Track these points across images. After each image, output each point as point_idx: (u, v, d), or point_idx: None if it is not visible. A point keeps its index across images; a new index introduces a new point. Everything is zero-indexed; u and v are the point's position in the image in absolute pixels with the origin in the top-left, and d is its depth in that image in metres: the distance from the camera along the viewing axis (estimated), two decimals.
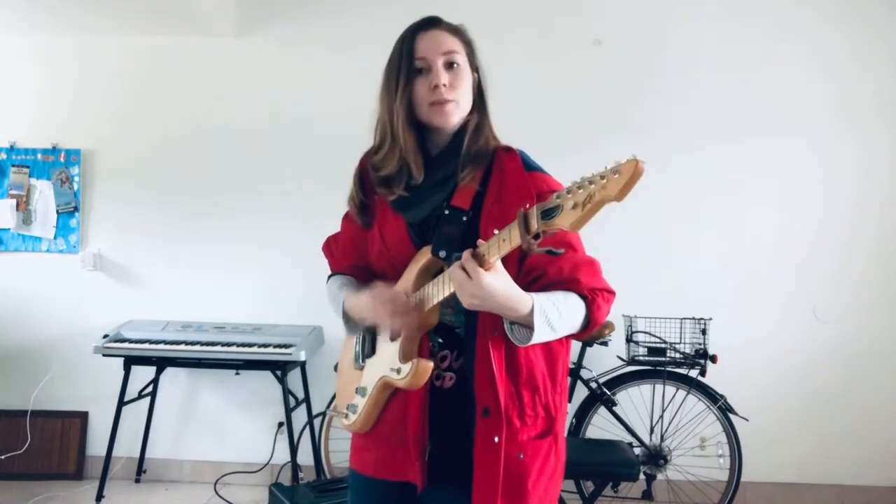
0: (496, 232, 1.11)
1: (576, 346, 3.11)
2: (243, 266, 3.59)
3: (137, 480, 3.56)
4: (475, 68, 1.36)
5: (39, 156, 3.65)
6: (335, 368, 1.77)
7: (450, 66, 1.31)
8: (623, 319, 3.17)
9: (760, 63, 3.41)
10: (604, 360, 3.21)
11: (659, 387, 3.16)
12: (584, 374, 3.14)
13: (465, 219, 1.27)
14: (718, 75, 3.42)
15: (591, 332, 1.29)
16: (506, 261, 1.16)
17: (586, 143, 3.40)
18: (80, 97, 3.66)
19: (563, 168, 1.39)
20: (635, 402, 3.22)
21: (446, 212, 1.29)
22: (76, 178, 3.63)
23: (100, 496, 3.26)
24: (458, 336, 1.32)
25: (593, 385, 3.13)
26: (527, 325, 1.18)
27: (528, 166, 1.31)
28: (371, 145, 1.43)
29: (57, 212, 3.64)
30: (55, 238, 3.64)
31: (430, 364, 1.28)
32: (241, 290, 3.59)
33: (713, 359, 3.03)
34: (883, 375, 3.39)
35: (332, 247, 1.69)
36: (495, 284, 1.12)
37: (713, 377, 3.06)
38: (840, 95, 3.40)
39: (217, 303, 3.58)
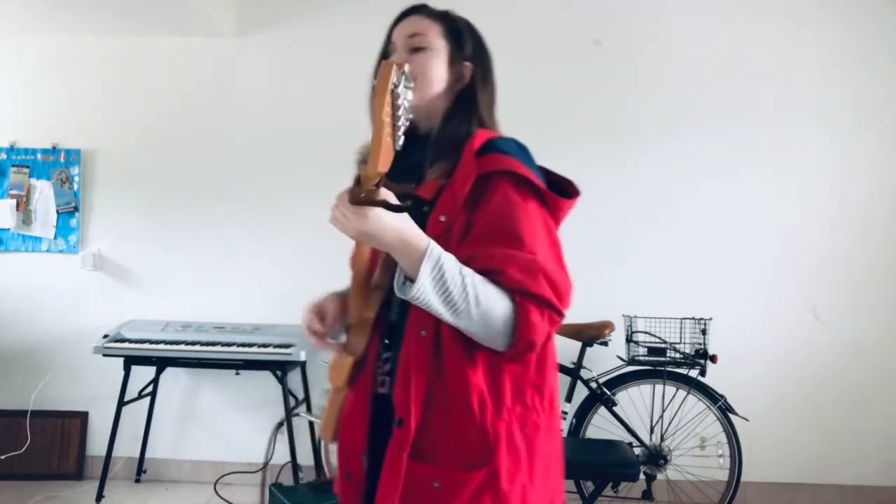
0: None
1: (575, 346, 3.11)
2: (243, 266, 3.59)
3: (137, 480, 3.56)
4: (465, 58, 1.28)
5: (39, 156, 3.65)
6: None
7: (414, 49, 1.25)
8: (623, 319, 3.17)
9: (761, 63, 3.41)
10: (604, 360, 3.21)
11: (659, 387, 3.16)
12: (584, 374, 3.14)
13: (425, 209, 1.16)
14: (719, 75, 3.42)
15: (520, 348, 1.08)
16: (445, 242, 1.10)
17: (586, 144, 3.40)
18: (81, 97, 3.66)
19: (559, 167, 1.39)
20: (635, 402, 3.21)
21: (409, 202, 1.19)
22: (76, 178, 3.63)
23: (100, 496, 3.26)
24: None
25: (593, 385, 3.13)
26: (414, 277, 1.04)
27: (488, 149, 1.18)
28: None
29: (57, 212, 3.64)
30: (55, 238, 3.64)
31: (349, 358, 1.18)
32: (241, 290, 3.59)
33: (713, 359, 3.03)
34: (883, 375, 3.39)
35: None
36: (379, 222, 1.01)
37: (713, 377, 3.06)
38: (842, 96, 3.40)
39: (217, 303, 3.58)
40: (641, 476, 2.99)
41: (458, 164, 1.17)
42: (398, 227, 1.03)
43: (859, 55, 3.40)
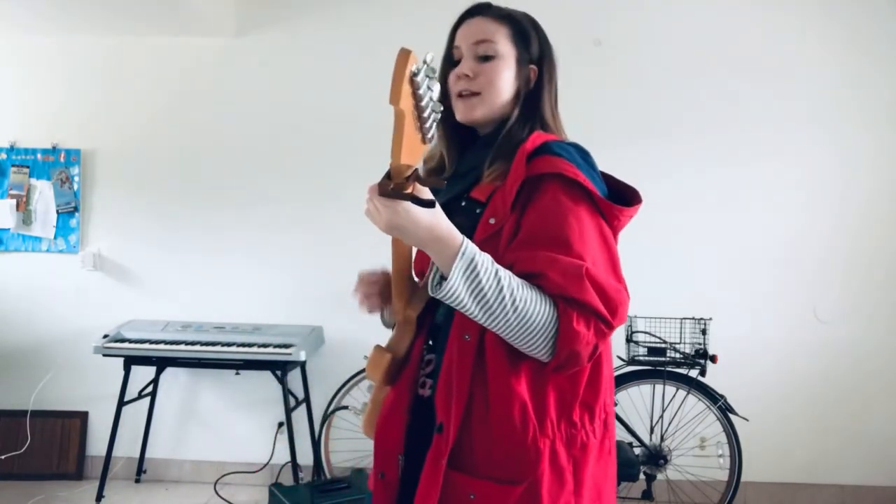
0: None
1: None
2: (243, 266, 3.60)
3: (137, 480, 3.56)
4: (531, 60, 1.24)
5: (39, 156, 3.65)
6: None
7: (482, 58, 1.20)
8: None
9: (761, 63, 3.41)
10: None
11: (659, 387, 3.16)
12: None
13: (478, 211, 1.15)
14: (719, 74, 3.42)
15: (562, 359, 1.03)
16: (495, 244, 1.08)
17: (586, 143, 3.40)
18: (81, 97, 3.66)
19: None
20: (635, 402, 3.22)
21: (463, 203, 1.19)
22: (76, 178, 3.63)
23: (100, 496, 3.26)
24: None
25: None
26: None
27: (541, 152, 1.14)
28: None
29: (57, 212, 3.64)
30: (55, 238, 3.64)
31: (387, 355, 1.16)
32: (241, 290, 3.59)
33: (713, 359, 3.03)
34: (884, 375, 3.39)
35: None
36: (410, 217, 0.96)
37: (713, 377, 3.06)
38: (842, 96, 3.40)
39: (217, 303, 3.58)
40: (641, 476, 2.99)
41: (511, 166, 1.13)
42: (430, 222, 0.98)
43: (860, 55, 3.39)
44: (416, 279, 1.22)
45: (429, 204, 0.97)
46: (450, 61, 1.24)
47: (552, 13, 3.47)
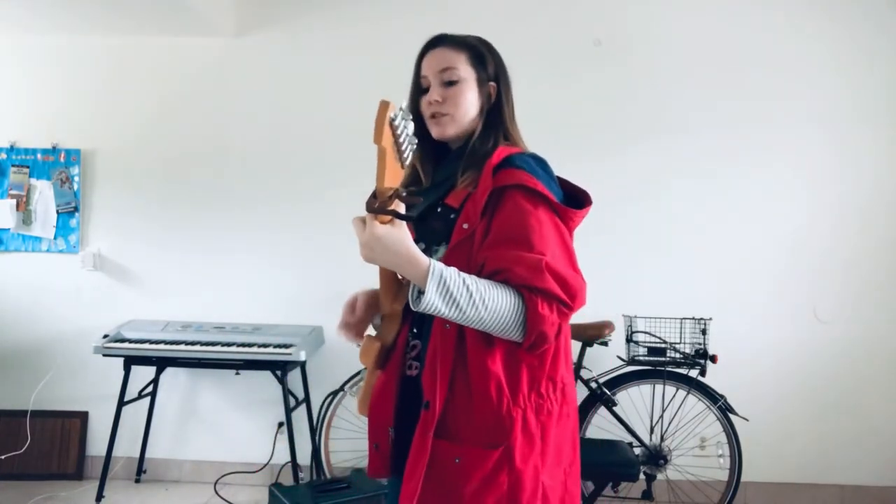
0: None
1: (575, 346, 3.11)
2: (243, 266, 3.60)
3: (137, 480, 3.56)
4: (489, 78, 1.41)
5: (39, 156, 3.65)
6: None
7: (447, 83, 1.38)
8: (623, 319, 3.17)
9: (762, 62, 3.41)
10: (604, 360, 3.21)
11: (659, 387, 3.16)
12: (584, 374, 3.14)
13: (452, 216, 1.31)
14: (719, 74, 3.42)
15: (533, 339, 1.20)
16: (469, 247, 1.25)
17: (586, 143, 3.41)
18: (81, 97, 3.66)
19: (561, 170, 1.39)
20: (635, 402, 3.22)
21: (439, 209, 1.35)
22: (76, 178, 3.64)
23: (100, 496, 3.26)
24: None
25: (593, 385, 3.12)
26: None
27: (505, 165, 1.30)
28: None
29: (57, 212, 3.64)
30: (55, 238, 3.64)
31: (376, 343, 1.36)
32: (241, 290, 3.59)
33: (713, 359, 3.03)
34: (883, 376, 3.39)
35: None
36: (386, 236, 1.15)
37: (713, 377, 3.06)
38: (842, 96, 3.40)
39: (217, 303, 3.58)
40: (641, 476, 2.99)
41: (480, 179, 1.30)
42: (402, 244, 1.17)
43: (860, 55, 3.39)
44: (400, 277, 1.37)
45: (408, 217, 1.17)
46: (418, 87, 1.43)
47: (552, 13, 3.50)
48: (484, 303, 1.18)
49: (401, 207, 1.17)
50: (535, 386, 1.28)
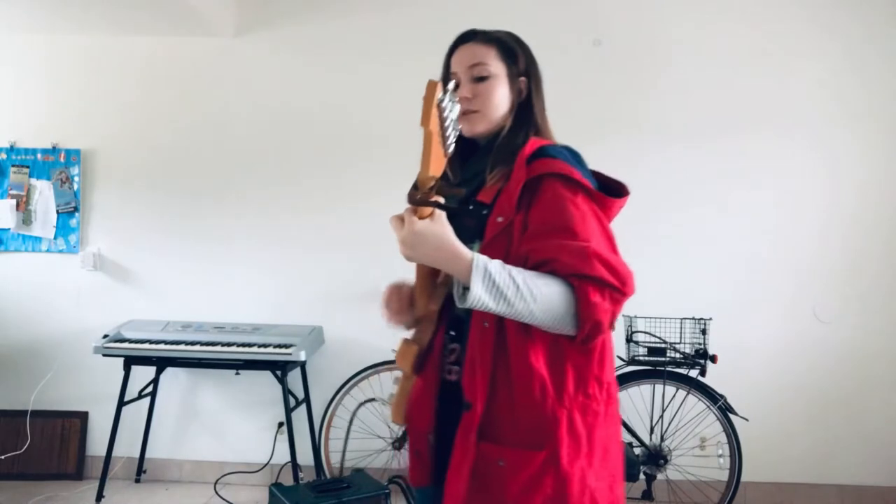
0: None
1: None
2: (243, 266, 3.60)
3: (137, 480, 3.56)
4: (520, 74, 1.38)
5: (39, 156, 3.65)
6: None
7: (477, 79, 1.34)
8: (623, 319, 3.17)
9: (761, 62, 3.41)
10: None
11: (659, 387, 3.16)
12: None
13: (484, 212, 1.27)
14: (719, 74, 3.42)
15: (587, 330, 1.15)
16: (506, 240, 1.21)
17: (586, 144, 3.39)
18: (80, 97, 3.66)
19: None
20: (635, 402, 3.22)
21: (470, 206, 1.31)
22: (76, 178, 3.64)
23: (100, 496, 3.26)
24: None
25: None
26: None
27: (539, 155, 1.27)
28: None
29: (57, 212, 3.64)
30: (55, 238, 3.64)
31: (413, 346, 1.31)
32: (241, 290, 3.59)
33: (713, 359, 3.03)
34: (883, 375, 3.39)
35: None
36: (426, 231, 1.11)
37: (713, 377, 3.06)
38: (842, 96, 3.40)
39: (217, 303, 3.58)
40: (641, 476, 2.99)
41: (512, 171, 1.27)
42: (445, 239, 1.12)
43: (851, 58, 3.40)
44: (438, 278, 1.34)
45: (450, 209, 1.12)
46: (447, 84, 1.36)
47: (552, 13, 3.50)
48: (532, 295, 1.12)
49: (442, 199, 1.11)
50: (583, 386, 1.23)
